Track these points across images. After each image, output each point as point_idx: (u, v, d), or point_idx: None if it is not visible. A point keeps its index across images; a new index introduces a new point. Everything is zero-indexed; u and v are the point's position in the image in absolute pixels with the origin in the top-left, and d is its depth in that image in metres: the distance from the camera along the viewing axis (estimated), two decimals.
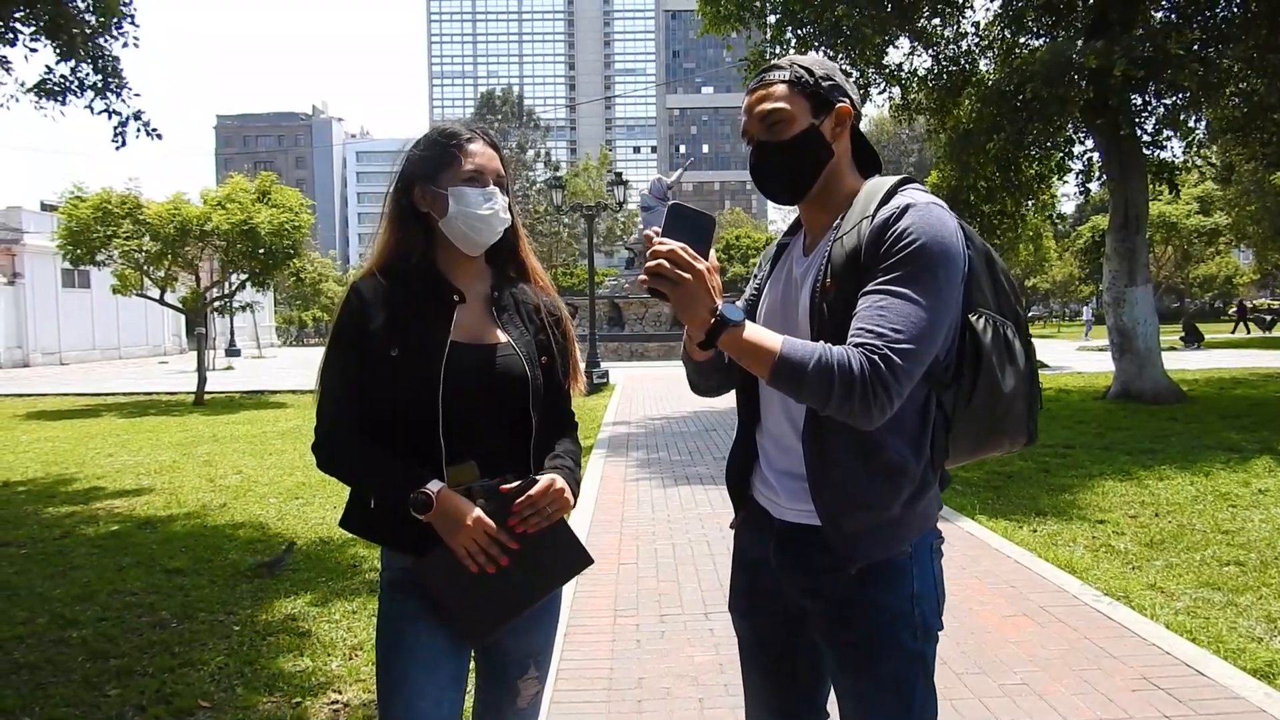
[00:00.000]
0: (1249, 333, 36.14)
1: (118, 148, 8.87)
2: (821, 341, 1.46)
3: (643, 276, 1.45)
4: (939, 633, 1.63)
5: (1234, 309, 39.90)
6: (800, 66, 1.63)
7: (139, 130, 8.83)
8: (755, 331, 1.46)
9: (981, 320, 1.54)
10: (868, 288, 1.47)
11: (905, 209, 1.50)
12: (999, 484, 7.33)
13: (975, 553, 5.31)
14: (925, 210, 1.50)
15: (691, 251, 1.44)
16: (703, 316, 1.44)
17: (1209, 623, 4.09)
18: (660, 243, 1.44)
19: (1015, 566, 5.00)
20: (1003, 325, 1.57)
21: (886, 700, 1.58)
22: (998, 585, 4.67)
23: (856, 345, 1.43)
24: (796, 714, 1.80)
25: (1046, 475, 7.65)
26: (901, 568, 1.59)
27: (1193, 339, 27.53)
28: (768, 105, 1.61)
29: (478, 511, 1.70)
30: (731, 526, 1.89)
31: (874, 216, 1.52)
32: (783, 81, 1.61)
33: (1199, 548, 5.33)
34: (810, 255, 1.68)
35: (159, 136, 9.06)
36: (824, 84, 1.62)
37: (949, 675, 3.46)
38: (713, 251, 1.49)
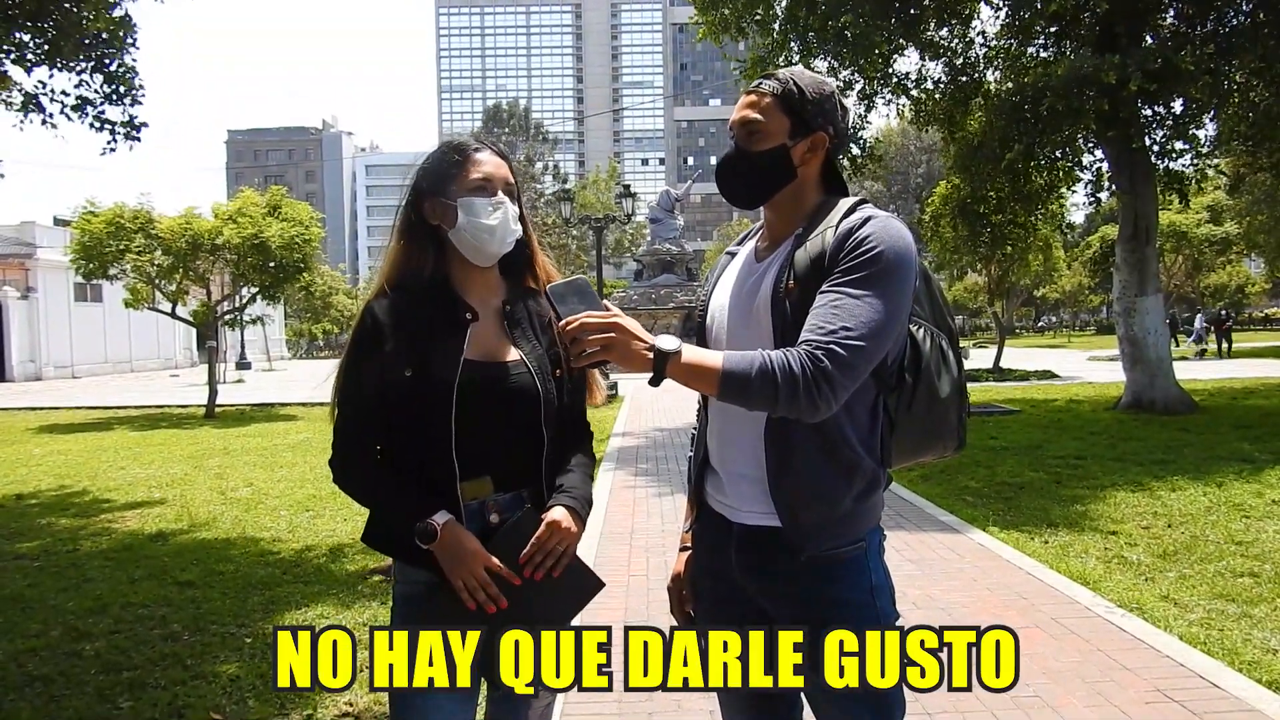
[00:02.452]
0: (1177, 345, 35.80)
1: (106, 153, 9.02)
2: (761, 349, 1.53)
3: (575, 364, 1.51)
4: (897, 623, 1.70)
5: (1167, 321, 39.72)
6: (795, 83, 1.69)
7: (125, 132, 8.90)
8: (694, 354, 1.51)
9: (920, 330, 1.66)
10: (824, 287, 1.56)
11: (868, 219, 1.61)
12: (1010, 495, 7.31)
13: (987, 564, 5.29)
14: (886, 222, 1.61)
15: (595, 313, 1.50)
16: (643, 358, 1.48)
17: (1223, 634, 4.06)
18: (567, 324, 1.49)
19: (1027, 578, 4.98)
20: (939, 337, 1.69)
21: (863, 689, 1.62)
22: (1009, 597, 4.65)
23: (802, 342, 1.50)
24: (775, 714, 1.83)
25: (1058, 486, 7.62)
26: (859, 562, 1.67)
27: (1223, 339, 27.78)
28: (750, 114, 1.69)
29: (478, 547, 1.71)
30: (684, 534, 1.95)
31: (837, 226, 1.61)
32: (772, 94, 1.68)
33: (1212, 559, 5.29)
34: (763, 261, 1.74)
35: (137, 131, 9.00)
36: (810, 107, 1.68)
37: None
38: (606, 301, 1.57)
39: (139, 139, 9.04)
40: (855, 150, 14.18)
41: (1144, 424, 11.39)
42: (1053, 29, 13.29)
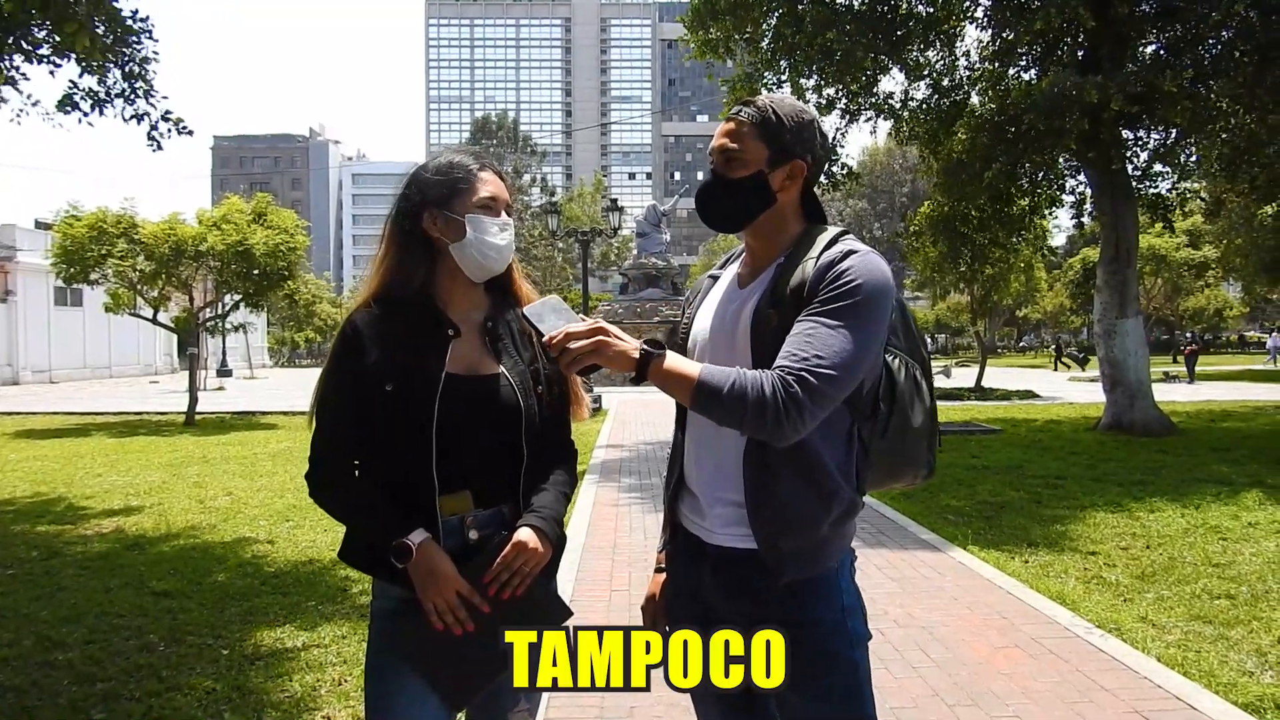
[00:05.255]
0: (1067, 370, 35.50)
1: (154, 150, 8.89)
2: (739, 367, 1.57)
3: (567, 371, 1.59)
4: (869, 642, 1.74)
5: (1052, 346, 40.07)
6: (774, 111, 1.70)
7: (170, 130, 8.84)
8: (676, 361, 1.57)
9: (896, 360, 1.69)
10: (802, 316, 1.59)
11: (849, 253, 1.63)
12: (990, 514, 7.34)
13: (967, 583, 5.31)
14: (866, 256, 1.63)
15: (575, 324, 1.57)
16: (629, 357, 1.55)
17: (1200, 656, 4.09)
18: (551, 338, 1.56)
19: (1006, 597, 5.00)
20: (913, 367, 1.72)
21: (836, 708, 1.66)
22: (989, 616, 4.66)
23: (776, 367, 1.53)
24: (749, 715, 1.83)
25: (1038, 506, 7.67)
26: (831, 584, 1.69)
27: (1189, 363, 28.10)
28: (728, 141, 1.71)
29: (452, 571, 1.71)
30: (659, 554, 1.96)
31: (818, 258, 1.64)
32: (750, 122, 1.70)
33: (1190, 580, 5.34)
34: (746, 288, 1.77)
35: (189, 132, 9.05)
36: (788, 134, 1.70)
37: (941, 708, 3.45)
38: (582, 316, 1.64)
39: (190, 131, 9.00)
40: (836, 170, 14.30)
41: (1123, 445, 11.50)
42: (1036, 48, 13.47)
